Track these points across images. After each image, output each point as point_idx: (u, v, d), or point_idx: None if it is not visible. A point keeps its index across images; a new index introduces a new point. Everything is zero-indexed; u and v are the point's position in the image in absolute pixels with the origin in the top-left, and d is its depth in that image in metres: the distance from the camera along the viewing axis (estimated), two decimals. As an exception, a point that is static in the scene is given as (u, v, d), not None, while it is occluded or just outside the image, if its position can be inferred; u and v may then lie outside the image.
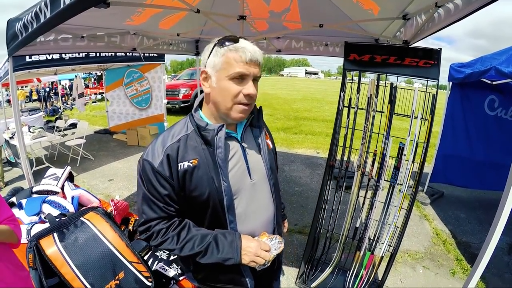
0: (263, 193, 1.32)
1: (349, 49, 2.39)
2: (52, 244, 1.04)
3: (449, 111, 4.99)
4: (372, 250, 2.70)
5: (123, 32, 3.64)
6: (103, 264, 1.09)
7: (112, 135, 8.83)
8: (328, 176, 2.70)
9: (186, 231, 1.21)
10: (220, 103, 1.15)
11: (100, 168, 6.28)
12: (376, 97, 2.46)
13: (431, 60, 2.20)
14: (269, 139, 1.42)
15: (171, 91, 11.89)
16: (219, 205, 1.18)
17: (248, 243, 1.20)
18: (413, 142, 2.32)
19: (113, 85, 8.37)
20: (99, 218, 1.20)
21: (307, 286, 2.87)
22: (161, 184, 1.15)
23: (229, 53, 1.08)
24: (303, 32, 3.73)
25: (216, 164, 1.15)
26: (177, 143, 1.17)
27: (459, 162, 5.09)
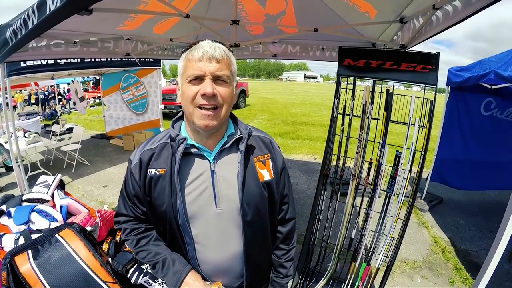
0: (231, 227, 1.17)
1: (343, 54, 2.34)
2: (26, 262, 1.01)
3: (447, 115, 4.98)
4: (368, 261, 2.63)
5: (117, 37, 3.60)
6: (76, 284, 1.05)
7: (108, 140, 8.79)
8: (322, 186, 2.64)
9: (146, 241, 1.22)
10: (185, 110, 1.09)
11: (95, 174, 6.23)
12: (371, 104, 2.40)
13: (429, 65, 2.15)
14: (268, 169, 1.23)
15: (168, 96, 11.85)
16: (174, 221, 1.13)
17: (193, 281, 1.12)
18: (410, 150, 2.25)
19: (110, 90, 8.34)
20: (73, 236, 1.15)
21: (301, 297, 2.80)
22: (132, 184, 1.18)
23: (187, 55, 1.04)
24: (299, 36, 3.68)
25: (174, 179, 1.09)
26: (154, 149, 1.17)
27: (457, 165, 5.09)
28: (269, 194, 1.21)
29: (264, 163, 1.21)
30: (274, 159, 1.25)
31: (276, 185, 1.23)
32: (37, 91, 15.50)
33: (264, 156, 1.23)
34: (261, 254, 1.30)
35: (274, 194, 1.23)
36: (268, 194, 1.20)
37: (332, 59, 4.04)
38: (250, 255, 1.21)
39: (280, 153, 1.31)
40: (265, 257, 1.34)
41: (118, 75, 7.95)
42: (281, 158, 1.30)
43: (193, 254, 1.17)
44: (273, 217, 1.31)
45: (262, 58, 4.57)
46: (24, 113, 12.07)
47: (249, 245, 1.19)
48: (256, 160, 1.20)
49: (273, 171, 1.23)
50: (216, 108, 1.04)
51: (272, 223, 1.31)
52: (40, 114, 13.26)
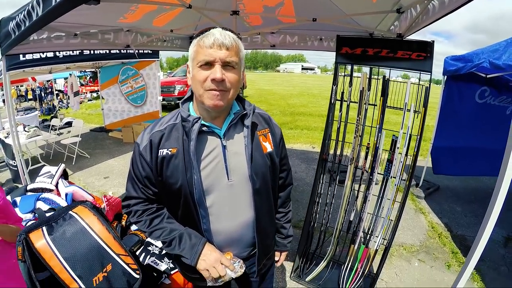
0: (242, 196, 1.28)
1: (341, 43, 2.39)
2: (41, 238, 1.05)
3: (443, 104, 5.03)
4: (366, 243, 2.72)
5: (117, 29, 3.63)
6: (91, 257, 1.10)
7: (107, 132, 8.81)
8: (321, 170, 2.71)
9: (160, 220, 1.28)
10: (195, 92, 1.16)
11: (95, 166, 6.27)
12: (368, 91, 2.46)
13: (424, 53, 2.20)
14: (269, 142, 1.35)
15: (166, 88, 11.85)
16: (190, 197, 1.19)
17: (210, 252, 1.21)
18: (406, 135, 2.32)
19: (108, 83, 8.32)
20: (87, 212, 1.21)
21: (302, 279, 2.89)
22: (142, 166, 1.23)
23: (198, 41, 1.10)
24: (297, 26, 3.71)
25: (190, 156, 1.16)
26: (163, 131, 1.22)
27: (453, 152, 5.16)
28: (272, 163, 1.32)
29: (265, 136, 1.33)
30: (273, 133, 1.37)
31: (276, 155, 1.35)
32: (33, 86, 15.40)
33: (265, 130, 1.34)
34: (268, 220, 1.41)
35: (275, 163, 1.35)
36: (271, 164, 1.31)
37: (330, 49, 4.07)
38: (260, 222, 1.32)
39: (278, 126, 1.44)
40: (271, 223, 1.47)
41: (117, 68, 7.93)
42: (279, 131, 1.43)
43: (207, 227, 1.25)
44: (275, 184, 1.43)
45: (260, 48, 4.60)
46: (22, 108, 12.05)
47: (259, 212, 1.30)
48: (259, 134, 1.30)
49: (273, 143, 1.35)
50: (223, 91, 1.11)
51: (274, 190, 1.43)
52: (38, 109, 13.22)
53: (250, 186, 1.25)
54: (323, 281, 2.85)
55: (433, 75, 2.27)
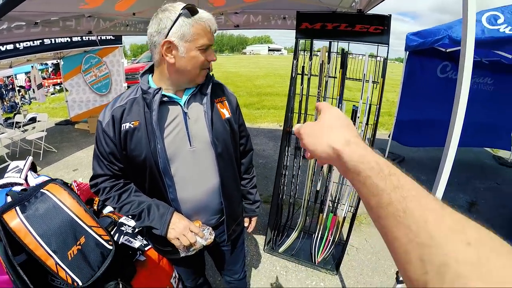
0: (205, 162, 1.33)
1: (301, 18, 2.44)
2: (15, 217, 1.05)
3: (405, 79, 5.20)
4: (334, 211, 2.84)
5: (78, 16, 3.51)
6: (64, 231, 1.11)
7: (73, 125, 8.49)
8: (286, 143, 2.79)
9: (127, 194, 1.31)
10: (189, 71, 1.20)
11: (63, 160, 6.08)
12: (328, 63, 2.53)
13: (381, 26, 2.27)
14: (227, 109, 1.41)
15: (131, 75, 11.42)
16: (155, 167, 1.23)
17: (178, 220, 1.26)
18: (366, 104, 2.43)
19: (71, 73, 7.99)
20: (58, 188, 1.21)
21: (275, 251, 3.01)
22: (106, 143, 1.24)
23: (198, 24, 1.12)
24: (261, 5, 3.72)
25: (153, 126, 1.19)
26: (124, 105, 1.23)
27: (416, 125, 5.40)
28: (231, 129, 1.39)
29: (223, 103, 1.39)
30: (229, 100, 1.44)
31: (234, 121, 1.42)
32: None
33: (221, 98, 1.40)
34: (234, 185, 1.48)
35: (234, 129, 1.42)
36: (230, 129, 1.38)
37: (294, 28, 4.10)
38: (225, 187, 1.38)
39: (233, 95, 1.51)
40: (237, 188, 1.54)
41: (79, 57, 7.61)
42: (234, 99, 1.50)
43: (174, 196, 1.30)
44: (236, 150, 1.49)
45: (224, 29, 4.58)
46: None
47: (223, 176, 1.36)
48: (216, 102, 1.36)
49: (230, 110, 1.42)
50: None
51: (236, 156, 1.49)
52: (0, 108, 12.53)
53: (212, 152, 1.31)
54: (296, 251, 2.98)
55: (398, 53, 2.36)
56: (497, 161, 6.32)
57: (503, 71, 5.19)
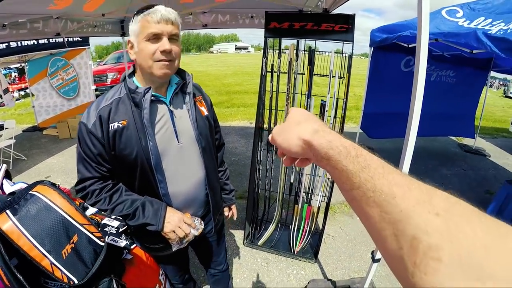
0: (192, 156, 1.40)
1: (269, 18, 2.53)
2: (6, 220, 1.03)
3: (371, 74, 5.43)
4: (308, 202, 2.97)
5: (46, 17, 3.43)
6: (57, 230, 1.11)
7: (41, 131, 8.18)
8: (258, 138, 2.89)
9: (119, 194, 1.32)
10: (143, 64, 1.23)
11: (34, 167, 5.88)
12: (296, 61, 2.65)
13: (346, 25, 2.39)
14: (204, 107, 1.49)
15: (98, 77, 11.12)
16: (147, 164, 1.27)
17: (172, 214, 1.33)
18: (333, 99, 2.56)
19: (37, 77, 7.67)
20: (47, 188, 1.21)
21: (254, 244, 3.10)
22: (93, 144, 1.24)
23: (144, 17, 1.17)
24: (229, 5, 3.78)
25: (143, 124, 1.23)
26: (110, 105, 1.25)
27: (382, 117, 5.62)
28: (209, 125, 1.48)
29: (201, 102, 1.47)
30: (205, 99, 1.53)
31: (211, 118, 1.52)
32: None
33: (199, 97, 1.48)
34: (215, 177, 1.58)
35: (212, 125, 1.51)
36: (209, 125, 1.47)
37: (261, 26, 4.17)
38: (210, 179, 1.48)
39: (206, 95, 1.59)
40: (217, 179, 1.65)
41: (45, 60, 7.33)
42: (209, 98, 1.59)
43: (165, 191, 1.36)
44: (214, 144, 1.60)
45: (192, 29, 4.58)
46: None
47: (208, 169, 1.45)
48: (196, 100, 1.43)
49: (207, 108, 1.50)
50: (171, 61, 1.22)
51: (214, 150, 1.60)
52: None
53: (197, 147, 1.40)
54: (275, 243, 3.09)
55: (364, 49, 2.50)
56: (462, 148, 6.72)
57: (464, 63, 5.52)
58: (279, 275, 2.82)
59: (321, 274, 2.83)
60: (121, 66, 12.01)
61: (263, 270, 2.88)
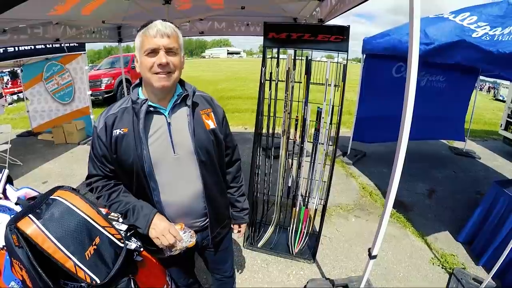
0: (189, 169, 1.43)
1: (268, 29, 2.64)
2: (30, 224, 1.07)
3: (363, 80, 5.56)
4: (306, 205, 3.08)
5: (46, 23, 3.51)
6: (80, 233, 1.15)
7: (36, 136, 8.11)
8: (258, 144, 2.98)
9: (116, 194, 1.44)
10: (144, 77, 1.32)
11: (31, 173, 5.87)
12: (294, 70, 2.75)
13: (341, 36, 2.50)
14: (212, 120, 1.50)
15: (92, 82, 10.83)
16: (141, 170, 1.35)
17: (159, 221, 1.38)
18: (329, 106, 2.68)
19: (32, 81, 7.66)
20: (68, 193, 1.27)
21: (254, 246, 3.19)
22: (99, 146, 1.38)
23: (143, 33, 1.26)
24: (226, 13, 3.87)
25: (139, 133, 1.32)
26: (116, 113, 1.37)
27: (375, 122, 5.74)
28: (216, 138, 1.50)
29: (208, 115, 1.50)
30: (215, 112, 1.55)
31: (219, 131, 1.53)
32: None
33: (207, 110, 1.51)
34: (217, 191, 1.59)
35: (219, 138, 1.53)
36: (214, 139, 1.49)
37: (257, 34, 4.28)
38: (209, 192, 1.50)
39: (220, 107, 1.62)
40: (221, 194, 1.64)
41: (40, 65, 7.31)
42: (221, 110, 1.61)
43: (158, 199, 1.42)
44: (221, 158, 1.61)
45: (189, 36, 4.68)
46: None
47: (207, 182, 1.47)
48: (202, 113, 1.47)
49: (216, 121, 1.52)
50: (169, 73, 1.29)
51: (221, 164, 1.62)
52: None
53: (195, 159, 1.41)
54: (274, 245, 3.18)
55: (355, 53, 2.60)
56: (453, 151, 6.86)
57: (453, 68, 5.66)
58: (279, 276, 2.91)
59: (319, 274, 2.93)
60: (116, 71, 11.98)
61: (264, 271, 2.97)
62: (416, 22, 1.51)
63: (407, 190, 4.75)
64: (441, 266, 3.09)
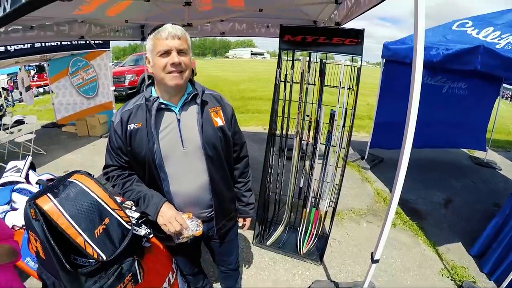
0: (196, 162, 1.52)
1: (284, 31, 2.69)
2: (48, 202, 1.19)
3: (383, 85, 5.50)
4: (316, 206, 3.09)
5: (71, 21, 3.67)
6: (92, 213, 1.28)
7: (60, 128, 8.46)
8: (271, 144, 3.04)
9: (130, 183, 1.56)
10: (157, 77, 1.42)
11: (53, 162, 6.12)
12: (308, 72, 2.79)
13: (356, 39, 2.52)
14: (220, 118, 1.59)
15: (116, 78, 11.33)
16: (152, 162, 1.46)
17: (167, 209, 1.48)
18: (342, 109, 2.70)
19: (58, 76, 8.00)
20: (84, 177, 1.40)
21: (263, 244, 3.24)
22: (115, 139, 1.51)
23: (155, 36, 1.36)
24: (245, 14, 3.94)
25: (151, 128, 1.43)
26: (131, 109, 1.50)
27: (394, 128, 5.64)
28: (223, 135, 1.59)
29: (217, 112, 1.59)
30: (224, 110, 1.63)
31: (228, 129, 1.62)
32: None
33: (216, 108, 1.60)
34: (223, 185, 1.68)
35: (227, 135, 1.62)
36: (222, 135, 1.58)
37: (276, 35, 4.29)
38: (214, 185, 1.59)
39: (229, 105, 1.69)
40: (227, 188, 1.73)
41: (66, 60, 7.65)
42: (230, 109, 1.69)
43: (168, 189, 1.53)
44: (229, 154, 1.70)
45: (210, 36, 4.77)
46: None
47: (213, 176, 1.56)
48: (211, 111, 1.57)
49: (224, 119, 1.61)
50: (181, 72, 1.39)
51: (229, 160, 1.70)
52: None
53: (202, 154, 1.51)
54: (282, 244, 3.22)
55: (378, 58, 2.60)
56: (473, 161, 6.67)
57: (475, 76, 5.51)
58: (285, 274, 2.95)
59: (325, 276, 2.94)
60: (139, 68, 12.30)
61: (270, 268, 3.01)
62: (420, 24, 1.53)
63: (423, 198, 4.68)
64: (450, 278, 3.03)
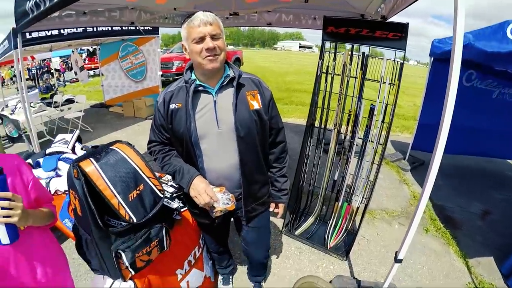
0: (229, 142, 1.60)
1: (327, 23, 2.68)
2: (90, 164, 1.33)
3: (429, 85, 5.24)
4: (349, 201, 3.08)
5: (122, 7, 3.84)
6: (128, 178, 1.40)
7: (108, 108, 8.98)
8: (309, 134, 3.06)
9: (169, 158, 1.71)
10: (194, 62, 1.53)
11: (99, 139, 6.52)
12: (350, 65, 2.76)
13: (399, 33, 2.46)
14: (257, 101, 1.64)
15: (164, 64, 11.75)
16: (189, 140, 1.57)
17: (199, 183, 1.59)
18: (382, 104, 2.65)
19: (108, 59, 8.48)
20: (124, 146, 1.54)
21: (292, 233, 3.29)
22: (158, 117, 1.66)
23: (188, 24, 1.44)
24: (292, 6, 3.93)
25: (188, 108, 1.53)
26: (173, 91, 1.62)
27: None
28: (260, 119, 1.65)
29: (254, 96, 1.64)
30: (261, 94, 1.67)
31: (264, 113, 1.67)
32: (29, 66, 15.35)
33: (254, 91, 1.65)
34: (254, 167, 1.74)
35: (263, 119, 1.67)
36: (258, 119, 1.64)
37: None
38: (244, 166, 1.67)
39: (268, 89, 1.73)
40: (259, 171, 1.79)
41: (117, 45, 8.08)
42: (268, 93, 1.72)
43: (202, 165, 1.64)
44: (264, 138, 1.75)
45: (257, 26, 4.80)
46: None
47: (243, 156, 1.64)
48: (247, 94, 1.62)
49: (261, 102, 1.66)
50: (216, 55, 1.46)
51: (264, 144, 1.77)
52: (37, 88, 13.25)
53: (235, 134, 1.58)
54: (311, 235, 3.25)
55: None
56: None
57: (531, 81, 5.13)
58: (308, 265, 2.98)
59: (348, 272, 2.93)
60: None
61: (295, 258, 3.06)
62: (460, 24, 1.45)
63: (460, 207, 4.45)
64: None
